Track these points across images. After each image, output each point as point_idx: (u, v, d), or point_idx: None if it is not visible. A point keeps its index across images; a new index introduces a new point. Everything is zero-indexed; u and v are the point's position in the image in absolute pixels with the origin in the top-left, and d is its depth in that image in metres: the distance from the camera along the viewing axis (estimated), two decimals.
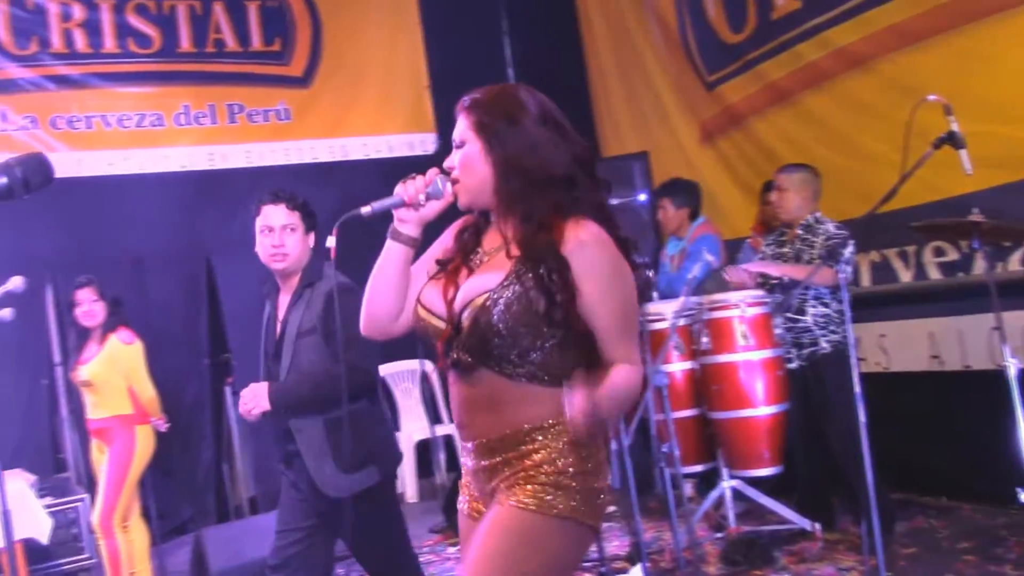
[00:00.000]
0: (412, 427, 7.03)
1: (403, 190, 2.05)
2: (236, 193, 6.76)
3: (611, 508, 5.69)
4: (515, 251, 1.98)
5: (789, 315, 4.57)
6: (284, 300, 3.43)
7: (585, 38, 7.97)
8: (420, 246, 2.14)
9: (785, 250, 4.69)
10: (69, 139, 6.64)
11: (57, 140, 6.59)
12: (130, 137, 6.84)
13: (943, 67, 4.71)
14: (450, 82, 7.79)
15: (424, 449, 6.91)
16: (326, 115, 7.55)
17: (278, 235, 3.35)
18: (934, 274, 4.98)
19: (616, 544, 5.03)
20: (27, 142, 6.44)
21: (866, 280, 5.33)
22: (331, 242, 2.01)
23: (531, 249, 1.95)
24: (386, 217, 2.11)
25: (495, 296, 1.92)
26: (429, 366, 6.99)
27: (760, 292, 4.57)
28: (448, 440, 7.03)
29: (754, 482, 4.64)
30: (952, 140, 3.37)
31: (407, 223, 2.09)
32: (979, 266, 4.70)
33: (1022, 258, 4.51)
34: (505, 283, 1.93)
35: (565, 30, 8.01)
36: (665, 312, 4.65)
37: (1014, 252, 4.53)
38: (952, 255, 4.86)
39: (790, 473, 4.60)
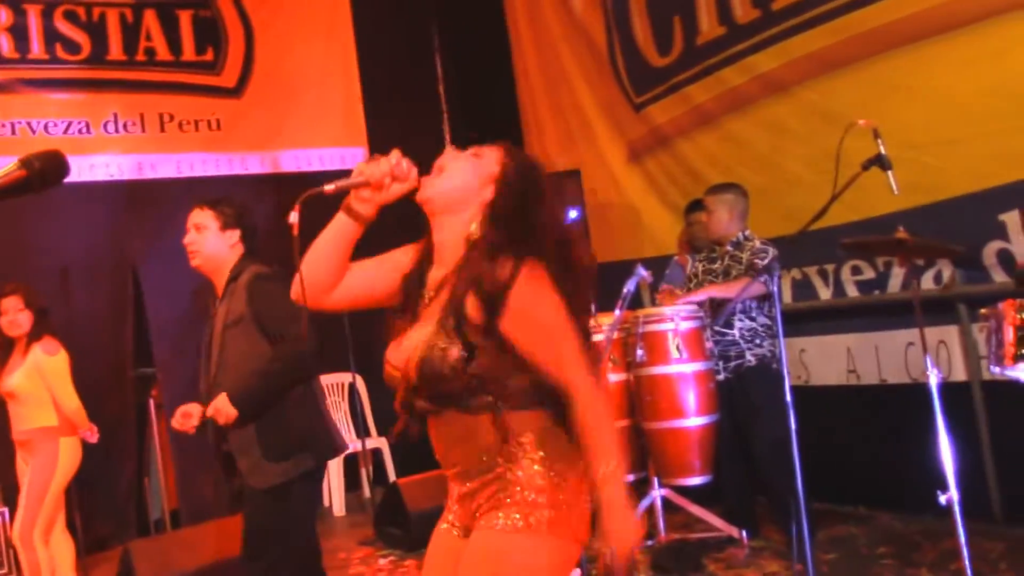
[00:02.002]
0: None
1: (368, 171, 2.00)
2: (165, 204, 6.64)
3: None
4: (443, 294, 1.99)
5: (717, 328, 4.66)
6: (216, 300, 3.45)
7: (515, 56, 8.01)
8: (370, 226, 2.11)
9: (715, 266, 4.79)
10: None
11: None
12: (57, 144, 6.47)
13: (860, 94, 4.85)
14: (382, 97, 7.81)
15: (352, 463, 6.84)
16: (258, 127, 7.46)
17: (190, 236, 3.41)
18: (852, 291, 5.11)
19: None
20: None
21: (788, 297, 5.46)
22: (293, 217, 1.95)
23: (457, 287, 1.96)
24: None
25: (430, 344, 1.93)
26: (359, 379, 6.93)
27: (694, 306, 4.65)
28: (376, 454, 6.99)
29: (684, 491, 4.71)
30: (880, 162, 3.47)
31: (366, 204, 2.04)
32: (894, 284, 4.88)
33: (934, 276, 4.67)
34: (436, 331, 1.94)
35: (496, 47, 8.05)
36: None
37: (927, 272, 4.70)
38: (869, 273, 5.00)
39: (718, 482, 4.68)
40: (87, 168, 6.75)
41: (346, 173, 2.06)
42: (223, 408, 3.19)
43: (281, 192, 7.32)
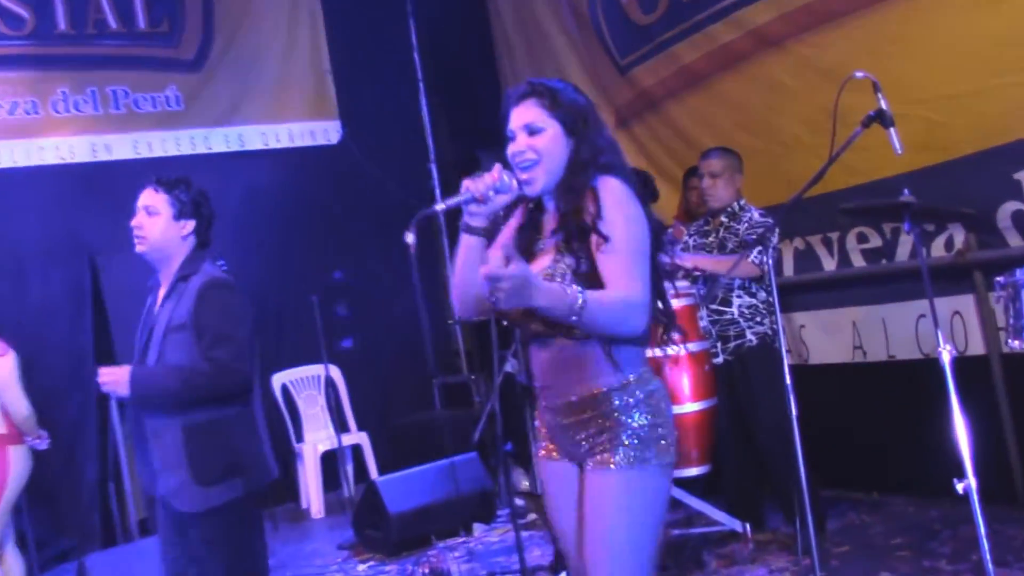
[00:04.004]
0: (317, 437, 6.79)
1: (472, 187, 2.28)
2: (123, 187, 6.29)
3: (532, 515, 5.59)
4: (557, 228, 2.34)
5: (714, 307, 4.50)
6: (161, 294, 3.27)
7: (493, 20, 7.84)
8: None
9: (709, 239, 4.62)
10: None
11: None
12: (2, 127, 6.44)
13: (859, 47, 4.70)
14: (353, 66, 7.63)
15: (330, 460, 6.68)
16: (220, 102, 7.29)
17: (138, 216, 3.24)
18: (858, 261, 4.97)
19: (538, 554, 4.91)
20: None
21: (789, 269, 5.31)
22: (410, 239, 2.18)
23: (569, 221, 2.30)
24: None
25: (550, 272, 2.25)
26: (335, 371, 6.76)
27: (685, 283, 4.48)
28: (356, 450, 6.83)
29: (682, 483, 4.54)
30: (881, 118, 3.29)
31: (477, 216, 2.34)
32: (903, 252, 4.72)
33: (946, 242, 4.52)
34: (556, 259, 2.28)
35: (472, 11, 7.87)
36: None
37: (937, 237, 4.54)
38: (876, 241, 4.86)
39: (717, 472, 4.52)
40: (36, 151, 6.55)
41: (317, 150, 2.05)
42: (119, 380, 3.04)
43: (248, 171, 7.15)
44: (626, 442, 2.24)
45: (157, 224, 3.24)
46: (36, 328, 6.15)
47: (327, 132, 7.59)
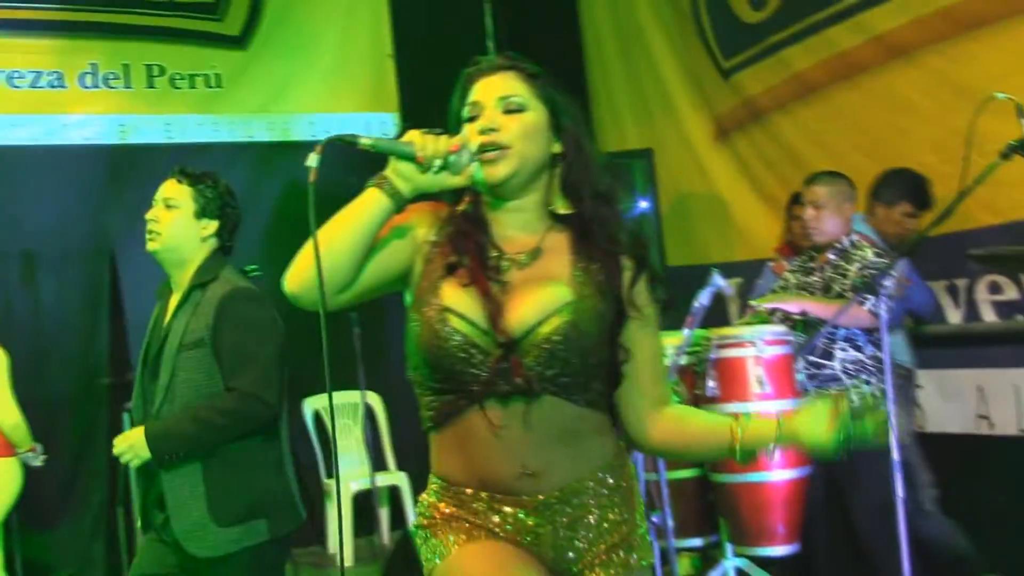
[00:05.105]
0: (350, 474, 6.80)
1: (420, 143, 1.90)
2: (151, 175, 6.41)
3: None
4: (568, 256, 2.02)
5: (813, 359, 4.42)
6: (173, 303, 3.27)
7: (583, 9, 7.88)
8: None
9: (812, 278, 4.54)
10: None
11: None
12: (22, 100, 6.61)
13: (1005, 62, 4.62)
14: (418, 53, 7.67)
15: (364, 501, 6.69)
16: (266, 85, 7.38)
17: (155, 208, 3.25)
18: (988, 315, 4.88)
19: None
20: None
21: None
22: (312, 160, 1.83)
23: (616, 245, 2.03)
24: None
25: (577, 309, 1.93)
26: (373, 399, 6.78)
27: (781, 328, 4.40)
28: (393, 492, 6.83)
29: (763, 562, 4.48)
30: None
31: (407, 182, 1.93)
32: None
33: None
34: (582, 295, 1.96)
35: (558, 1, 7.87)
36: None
37: None
38: (1011, 293, 4.77)
39: (808, 553, 4.44)
40: (59, 128, 6.71)
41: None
42: (135, 445, 3.05)
43: (292, 165, 7.21)
44: (630, 551, 2.04)
45: (176, 220, 3.25)
46: (46, 330, 6.30)
47: (384, 124, 7.65)
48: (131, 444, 3.05)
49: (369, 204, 1.93)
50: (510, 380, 1.90)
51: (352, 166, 2.12)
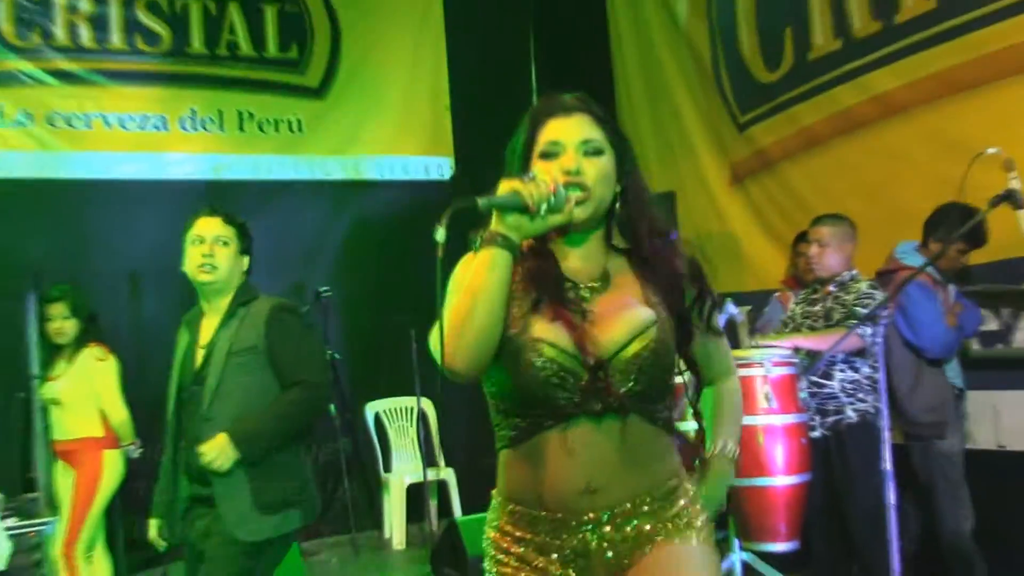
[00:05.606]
0: (404, 468, 6.81)
1: (525, 191, 1.74)
2: (241, 207, 6.46)
3: None
4: (635, 281, 1.92)
5: (814, 379, 4.35)
6: (209, 325, 3.26)
7: (616, 66, 7.83)
8: None
9: (816, 308, 4.48)
10: (66, 138, 6.48)
11: (53, 138, 6.44)
12: (131, 140, 6.68)
13: (991, 120, 4.53)
14: (471, 105, 7.69)
15: (417, 492, 6.68)
16: (340, 130, 7.42)
17: (209, 245, 3.24)
18: (975, 344, 4.71)
19: None
20: (21, 138, 6.32)
21: None
22: (440, 235, 1.65)
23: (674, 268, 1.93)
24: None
25: (659, 331, 1.83)
26: (426, 404, 6.77)
27: (786, 352, 4.35)
28: (442, 485, 6.82)
29: (767, 556, 4.40)
30: (1011, 199, 3.16)
31: (517, 229, 1.77)
32: (1020, 339, 4.52)
33: None
34: (658, 317, 1.84)
35: (596, 57, 7.86)
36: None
37: None
38: (991, 325, 4.63)
39: (806, 550, 4.36)
40: (162, 165, 6.78)
41: (429, 185, 1.91)
42: (225, 449, 3.02)
43: (361, 200, 7.29)
44: (696, 528, 1.88)
45: (229, 255, 3.26)
46: (147, 341, 6.31)
47: (440, 167, 7.66)
48: (220, 450, 3.01)
49: (495, 265, 1.76)
50: (604, 399, 1.78)
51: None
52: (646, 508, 1.84)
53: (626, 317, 1.83)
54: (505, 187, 1.75)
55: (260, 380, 3.14)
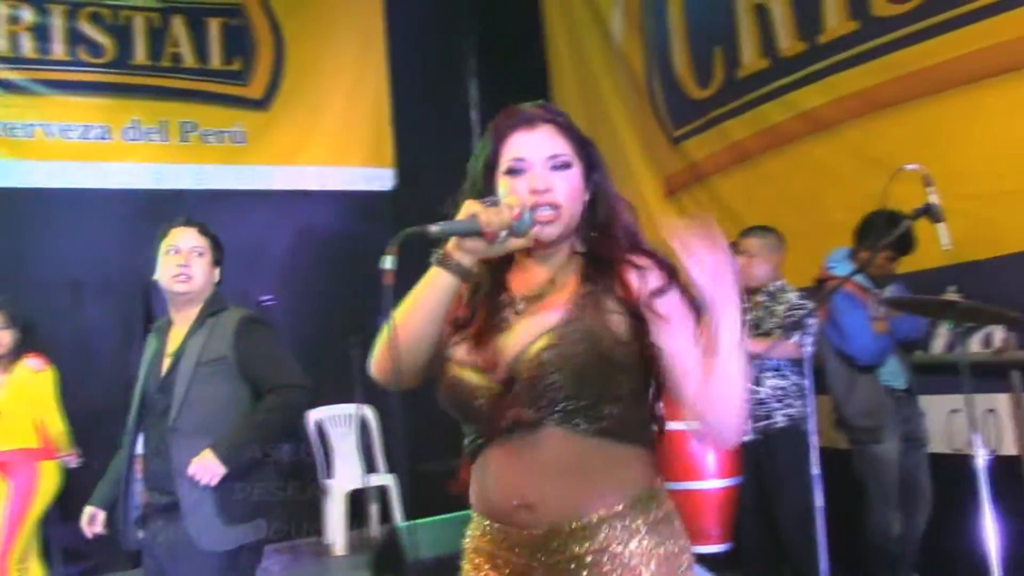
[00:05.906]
0: (346, 475, 6.72)
1: (485, 218, 1.63)
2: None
3: None
4: (574, 285, 1.74)
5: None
6: (178, 333, 3.19)
7: (554, 83, 7.83)
8: None
9: (747, 317, 4.50)
10: (7, 147, 6.33)
11: None
12: (73, 149, 6.53)
13: (910, 137, 4.61)
14: (413, 117, 7.64)
15: (356, 499, 6.59)
16: (283, 141, 7.32)
17: (185, 256, 3.18)
18: (937, 349, 4.73)
19: None
20: None
21: None
22: (388, 263, 1.58)
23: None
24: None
25: (561, 331, 1.66)
26: (367, 411, 6.69)
27: None
28: (382, 491, 6.73)
29: (700, 558, 4.40)
30: (930, 213, 3.20)
31: (470, 256, 1.68)
32: (938, 345, 4.57)
33: (984, 339, 4.36)
34: (569, 317, 1.68)
35: (533, 75, 7.85)
36: None
37: (976, 333, 4.39)
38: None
39: (738, 550, 4.36)
40: (103, 175, 6.62)
41: (370, 195, 1.82)
42: (211, 466, 2.93)
43: (303, 210, 7.19)
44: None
45: (203, 267, 3.22)
46: (88, 350, 6.16)
47: (382, 179, 7.59)
48: (206, 466, 2.93)
49: (437, 286, 1.69)
50: (506, 415, 1.67)
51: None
52: (577, 543, 1.67)
53: (535, 321, 1.71)
54: (466, 211, 1.66)
55: (228, 390, 3.07)
